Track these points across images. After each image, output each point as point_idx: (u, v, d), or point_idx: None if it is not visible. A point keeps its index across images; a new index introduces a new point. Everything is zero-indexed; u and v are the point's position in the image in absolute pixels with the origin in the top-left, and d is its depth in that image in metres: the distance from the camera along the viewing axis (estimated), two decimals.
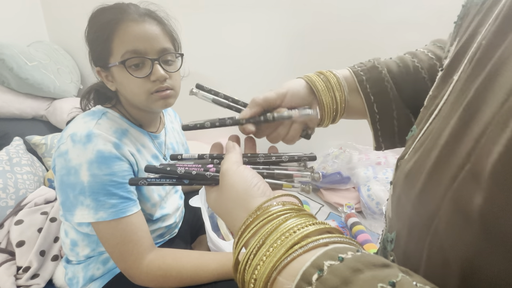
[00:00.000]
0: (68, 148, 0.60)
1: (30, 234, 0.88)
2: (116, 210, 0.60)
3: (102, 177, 0.59)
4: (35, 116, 1.41)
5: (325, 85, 0.42)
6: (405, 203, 0.28)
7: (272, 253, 0.24)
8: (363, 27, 1.29)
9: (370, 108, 0.43)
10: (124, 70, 0.62)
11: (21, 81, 1.30)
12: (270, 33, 1.40)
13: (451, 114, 0.25)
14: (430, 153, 0.25)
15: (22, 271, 0.83)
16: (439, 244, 0.22)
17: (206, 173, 0.34)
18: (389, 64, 0.44)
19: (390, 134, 0.44)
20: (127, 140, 0.66)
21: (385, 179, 1.26)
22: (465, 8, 0.33)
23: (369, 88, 0.42)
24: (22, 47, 1.35)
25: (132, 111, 0.71)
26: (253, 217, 0.28)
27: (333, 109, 0.43)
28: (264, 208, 0.28)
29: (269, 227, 0.26)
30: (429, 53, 0.43)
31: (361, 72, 0.43)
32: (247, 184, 0.30)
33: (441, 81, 0.31)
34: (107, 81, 0.68)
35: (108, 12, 0.63)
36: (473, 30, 0.28)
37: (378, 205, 1.17)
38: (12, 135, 1.21)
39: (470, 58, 0.26)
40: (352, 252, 0.21)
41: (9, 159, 1.07)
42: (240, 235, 0.28)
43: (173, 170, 0.35)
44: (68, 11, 1.57)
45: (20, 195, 1.01)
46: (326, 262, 0.20)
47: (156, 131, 0.78)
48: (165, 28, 0.67)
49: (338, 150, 1.45)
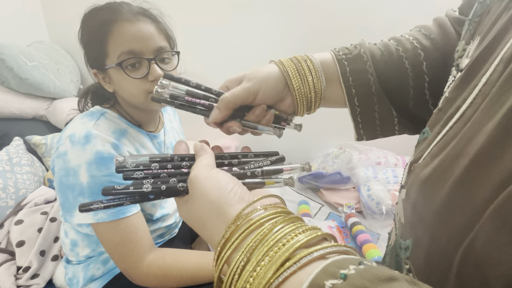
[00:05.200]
0: (67, 149, 0.60)
1: (30, 234, 0.88)
2: (116, 211, 0.60)
3: (101, 178, 0.59)
4: (35, 116, 1.41)
5: (297, 70, 0.38)
6: (425, 212, 0.26)
7: (260, 273, 0.20)
8: (363, 28, 1.29)
9: (351, 101, 0.40)
10: (121, 71, 0.61)
11: (21, 81, 1.30)
12: (270, 34, 1.39)
13: (483, 119, 0.22)
14: (457, 161, 0.23)
15: (22, 271, 0.83)
16: (475, 261, 0.20)
17: (178, 185, 0.29)
18: (374, 51, 0.41)
19: (372, 127, 0.42)
20: (126, 141, 0.66)
21: (385, 179, 1.26)
22: (483, 4, 0.31)
23: (351, 81, 0.39)
24: (22, 47, 1.35)
25: (130, 111, 0.71)
26: (232, 228, 0.24)
27: (308, 97, 0.39)
28: (245, 216, 0.24)
29: (254, 240, 0.22)
30: (414, 41, 0.40)
31: (345, 61, 0.40)
32: (222, 190, 0.26)
33: (461, 82, 0.28)
34: (105, 83, 0.67)
35: (100, 13, 0.62)
36: (502, 29, 0.26)
37: (378, 205, 1.17)
38: (12, 135, 1.21)
39: (504, 59, 0.23)
40: (354, 266, 0.18)
41: (9, 159, 1.07)
42: (219, 251, 0.24)
43: (137, 188, 0.29)
44: (68, 11, 1.57)
45: (20, 195, 1.01)
46: (327, 282, 0.17)
47: (155, 131, 0.78)
48: (160, 26, 0.66)
49: (338, 150, 1.45)
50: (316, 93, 0.39)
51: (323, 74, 0.39)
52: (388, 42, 0.42)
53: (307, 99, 0.39)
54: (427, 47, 0.39)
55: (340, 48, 0.42)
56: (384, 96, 0.40)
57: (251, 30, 1.41)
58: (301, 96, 0.39)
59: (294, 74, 0.38)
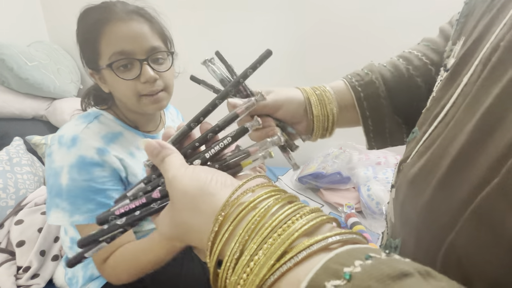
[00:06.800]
0: (53, 150, 0.61)
1: (30, 234, 0.88)
2: (92, 215, 0.60)
3: (81, 182, 0.59)
4: (35, 116, 1.41)
5: (318, 100, 0.41)
6: (411, 211, 0.26)
7: (254, 269, 0.18)
8: (363, 28, 1.29)
9: (365, 122, 0.43)
10: (113, 72, 0.60)
11: (21, 81, 1.30)
12: (271, 35, 1.40)
13: (464, 120, 0.23)
14: (440, 161, 0.23)
15: (22, 271, 0.83)
16: (456, 260, 0.21)
17: (152, 205, 0.26)
18: (383, 73, 0.43)
19: (382, 139, 0.45)
20: (116, 146, 0.65)
21: (385, 179, 1.26)
22: (469, 5, 0.32)
23: (366, 106, 0.42)
24: (22, 47, 1.35)
25: (127, 113, 0.70)
26: (220, 219, 0.21)
27: (325, 124, 0.42)
28: (232, 202, 0.22)
29: (246, 229, 0.20)
30: (423, 57, 0.42)
31: (358, 88, 0.42)
32: (201, 183, 0.23)
33: (447, 82, 0.29)
34: (101, 83, 0.67)
35: (94, 12, 0.62)
36: (483, 30, 0.27)
37: (378, 205, 1.17)
38: (12, 135, 1.21)
39: (483, 60, 0.24)
40: (360, 261, 0.16)
41: (9, 159, 1.07)
42: (211, 248, 0.21)
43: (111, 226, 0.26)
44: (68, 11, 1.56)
45: (20, 195, 1.01)
46: (328, 283, 0.15)
47: (154, 131, 0.77)
48: (154, 26, 0.64)
49: (338, 150, 1.45)
50: (333, 120, 0.42)
51: (337, 103, 0.42)
52: (397, 61, 0.44)
53: (323, 125, 0.42)
54: (437, 62, 0.41)
55: (352, 75, 0.44)
56: (393, 114, 0.43)
57: (250, 29, 1.41)
58: (318, 123, 0.42)
59: (315, 103, 0.41)
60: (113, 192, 0.63)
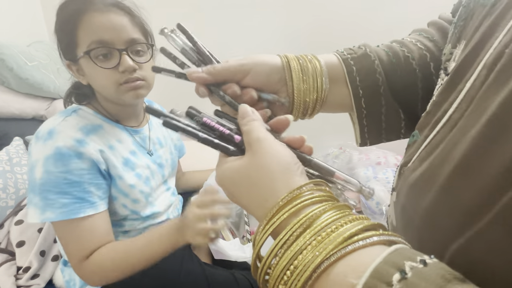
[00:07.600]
0: (31, 145, 0.60)
1: (30, 234, 0.88)
2: (66, 210, 0.58)
3: (57, 174, 0.58)
4: (35, 116, 1.41)
5: (300, 66, 0.35)
6: (412, 215, 0.26)
7: (324, 238, 0.21)
8: (361, 27, 1.29)
9: (357, 103, 0.37)
10: (91, 61, 0.60)
11: (21, 81, 1.30)
12: (269, 33, 1.39)
13: (468, 125, 0.23)
14: (443, 166, 0.23)
15: (22, 271, 0.83)
16: (465, 265, 0.20)
17: (234, 138, 0.30)
18: (379, 52, 0.39)
19: (377, 130, 0.40)
20: (96, 137, 0.64)
21: (385, 179, 1.26)
22: (467, 8, 0.31)
23: (358, 81, 0.37)
24: (22, 47, 1.35)
25: (107, 106, 0.70)
26: (295, 194, 0.24)
27: (307, 99, 0.36)
28: (306, 188, 0.25)
29: (315, 211, 0.23)
30: (418, 43, 0.39)
31: (351, 60, 0.37)
32: (288, 159, 0.26)
33: (448, 86, 0.28)
34: (78, 75, 0.66)
35: (72, 3, 0.62)
36: (485, 34, 0.26)
37: (378, 205, 1.17)
38: (12, 135, 1.21)
39: (487, 65, 0.24)
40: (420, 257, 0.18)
41: (9, 159, 1.07)
42: (276, 212, 0.24)
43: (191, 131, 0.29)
44: None
45: (20, 195, 1.01)
46: (407, 262, 0.17)
47: (137, 126, 0.76)
48: (134, 19, 0.65)
49: (338, 150, 1.45)
50: (318, 94, 0.36)
51: (327, 75, 0.36)
52: (391, 44, 0.41)
53: (304, 102, 0.36)
54: (431, 49, 0.39)
55: (344, 49, 0.39)
56: (392, 98, 0.38)
57: (248, 27, 1.41)
58: (299, 96, 0.35)
59: (296, 69, 0.35)
60: (91, 185, 0.61)
